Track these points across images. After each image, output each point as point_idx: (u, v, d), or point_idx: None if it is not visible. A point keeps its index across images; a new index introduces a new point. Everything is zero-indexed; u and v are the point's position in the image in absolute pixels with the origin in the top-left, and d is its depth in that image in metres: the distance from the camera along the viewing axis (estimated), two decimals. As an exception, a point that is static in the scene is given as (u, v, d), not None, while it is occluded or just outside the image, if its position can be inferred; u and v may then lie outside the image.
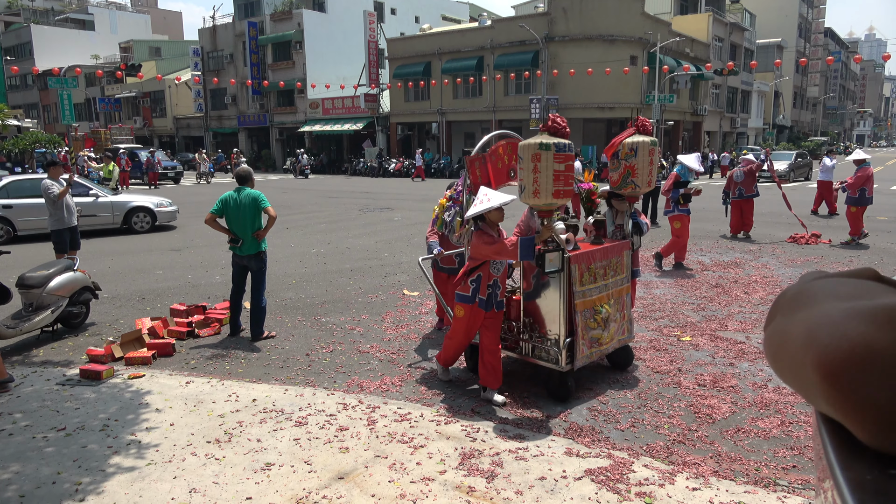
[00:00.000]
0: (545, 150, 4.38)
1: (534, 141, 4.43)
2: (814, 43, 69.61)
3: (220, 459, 3.84)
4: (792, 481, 3.60)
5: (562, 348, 4.62)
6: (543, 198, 4.48)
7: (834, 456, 0.54)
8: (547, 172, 4.38)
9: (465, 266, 4.79)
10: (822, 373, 0.49)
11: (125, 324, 6.96)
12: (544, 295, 4.78)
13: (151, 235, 13.69)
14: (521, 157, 4.49)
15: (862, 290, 0.55)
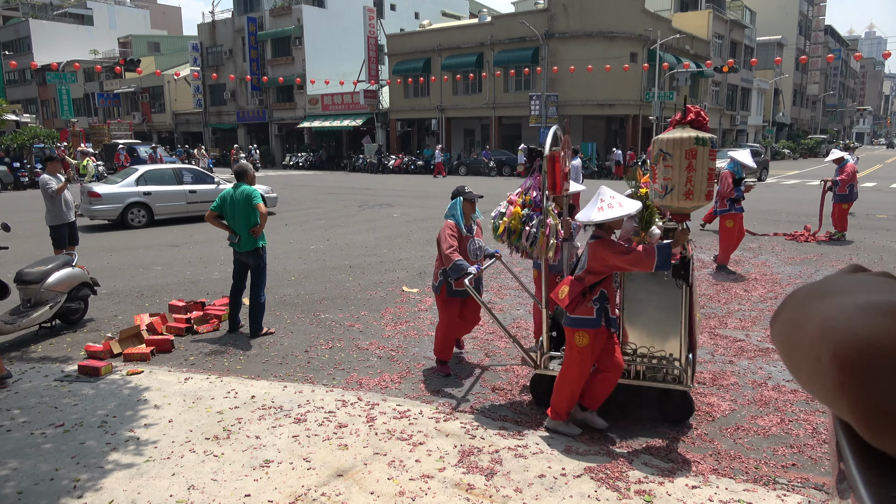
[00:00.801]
0: (702, 146, 3.85)
1: (687, 135, 3.89)
2: (814, 40, 69.55)
3: (218, 456, 3.84)
4: (791, 479, 3.60)
5: (686, 365, 4.17)
6: (696, 199, 3.93)
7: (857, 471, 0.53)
8: (702, 171, 3.87)
9: (571, 285, 3.98)
10: (839, 364, 0.48)
11: (124, 320, 6.94)
12: (658, 308, 4.23)
13: (150, 231, 13.66)
14: (670, 154, 3.90)
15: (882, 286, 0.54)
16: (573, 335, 3.95)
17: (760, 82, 54.41)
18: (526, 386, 4.99)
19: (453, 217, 5.24)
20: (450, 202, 5.41)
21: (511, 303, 7.50)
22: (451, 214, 5.25)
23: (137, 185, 14.60)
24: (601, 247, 3.86)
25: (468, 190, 5.47)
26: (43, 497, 3.40)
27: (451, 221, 5.19)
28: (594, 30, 32.81)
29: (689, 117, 4.03)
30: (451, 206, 5.32)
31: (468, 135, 40.83)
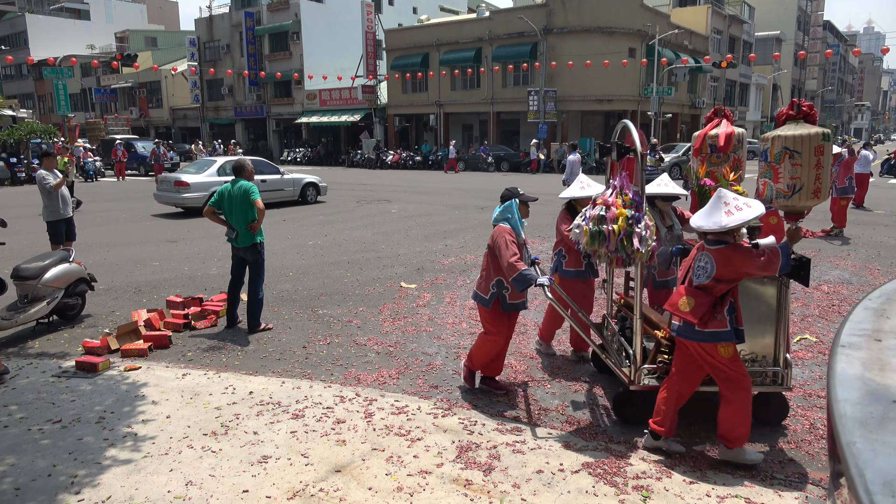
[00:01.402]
0: (827, 142, 3.70)
1: (815, 131, 3.71)
2: (812, 36, 69.48)
3: (216, 452, 3.83)
4: (788, 475, 3.60)
5: (784, 367, 4.04)
6: (822, 196, 3.79)
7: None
8: (827, 167, 3.74)
9: (695, 296, 3.64)
10: None
11: (121, 315, 6.93)
12: (753, 309, 4.07)
13: (150, 227, 13.64)
14: (798, 152, 3.72)
15: None
16: (715, 349, 3.59)
17: (759, 78, 54.39)
18: (524, 382, 4.99)
19: (509, 221, 4.58)
20: (501, 204, 4.70)
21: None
22: (505, 218, 4.61)
23: (219, 175, 15.80)
24: (734, 253, 3.53)
25: (523, 191, 4.83)
26: (40, 493, 3.39)
27: (507, 226, 4.54)
28: (592, 25, 32.75)
29: (802, 111, 3.84)
30: (506, 209, 4.64)
31: (466, 130, 40.79)
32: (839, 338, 0.98)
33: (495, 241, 4.48)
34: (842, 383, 0.82)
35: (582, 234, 4.16)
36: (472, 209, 16.30)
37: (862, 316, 1.04)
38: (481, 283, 4.65)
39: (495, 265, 4.52)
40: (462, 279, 8.47)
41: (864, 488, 0.59)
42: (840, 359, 0.89)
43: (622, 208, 4.03)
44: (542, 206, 16.93)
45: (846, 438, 0.68)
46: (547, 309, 5.56)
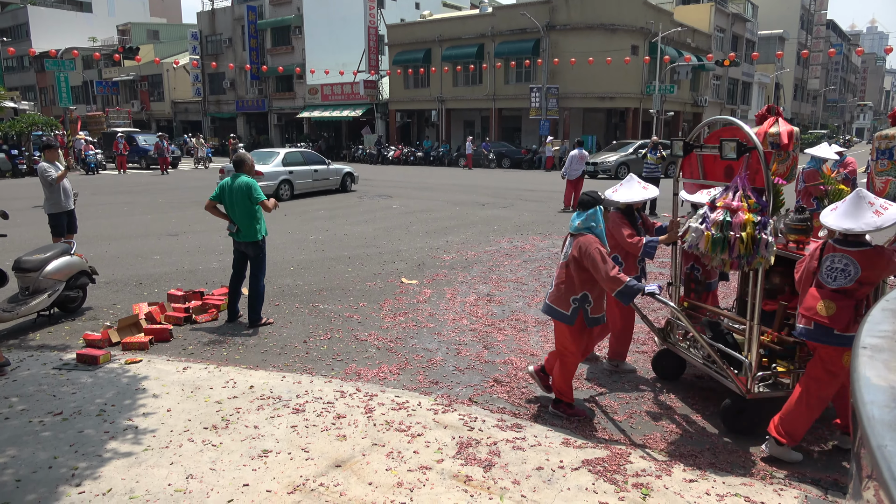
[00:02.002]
0: None
1: None
2: (816, 35, 69.31)
3: (217, 446, 3.84)
4: (788, 474, 3.61)
5: None
6: None
7: None
8: None
9: (836, 300, 3.53)
10: None
11: (122, 309, 6.93)
12: None
13: (151, 220, 13.63)
14: None
15: None
16: (840, 355, 3.49)
17: (761, 76, 54.29)
18: (527, 379, 4.99)
19: (592, 230, 4.18)
20: (583, 211, 4.24)
21: (510, 295, 7.50)
22: (588, 227, 4.18)
23: (284, 165, 17.70)
24: (880, 256, 3.43)
25: (604, 196, 4.49)
26: (41, 485, 3.40)
27: (593, 237, 4.14)
28: (595, 22, 32.67)
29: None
30: (590, 217, 4.19)
31: (468, 126, 40.73)
32: (859, 339, 0.97)
33: (585, 252, 4.07)
34: (867, 386, 0.82)
35: (702, 239, 3.98)
36: (474, 206, 16.29)
37: (880, 317, 1.04)
38: (558, 298, 4.22)
39: (581, 278, 4.14)
40: (463, 275, 8.48)
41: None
42: (862, 360, 0.88)
43: (749, 213, 3.83)
44: (543, 204, 16.93)
45: (876, 441, 0.67)
46: (616, 326, 5.18)
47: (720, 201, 3.99)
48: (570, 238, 4.28)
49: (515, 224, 13.16)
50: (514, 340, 5.89)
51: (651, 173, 14.38)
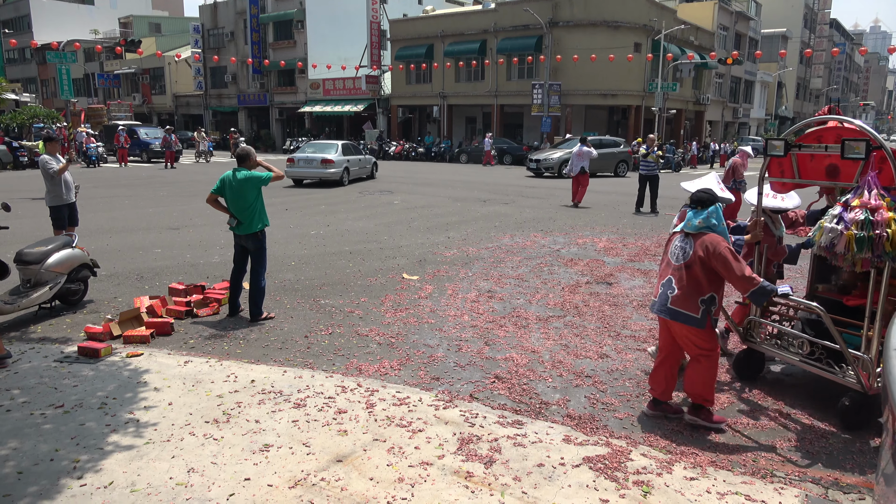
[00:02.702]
0: None
1: None
2: (819, 34, 69.15)
3: (218, 440, 3.84)
4: (789, 473, 3.61)
5: None
6: None
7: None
8: None
9: None
10: None
11: (123, 302, 6.94)
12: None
13: (153, 214, 13.63)
14: None
15: None
16: None
17: (764, 75, 54.20)
18: (524, 372, 4.99)
19: (714, 229, 4.01)
20: (701, 209, 4.08)
21: (511, 292, 7.50)
22: (710, 225, 4.02)
23: (344, 154, 20.22)
24: None
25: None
26: (43, 477, 3.41)
27: (718, 235, 3.99)
28: (598, 19, 32.61)
29: None
30: (710, 215, 4.03)
31: (469, 122, 40.70)
32: (890, 341, 0.98)
33: (714, 252, 3.90)
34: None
35: (841, 239, 3.98)
36: (475, 202, 16.28)
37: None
38: (684, 302, 4.00)
39: (709, 279, 3.97)
40: (464, 271, 8.47)
41: None
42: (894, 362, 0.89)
43: (890, 212, 3.85)
44: (544, 200, 16.91)
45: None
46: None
47: (855, 200, 4.00)
48: (681, 237, 4.12)
49: (517, 220, 13.15)
50: (515, 337, 5.89)
51: (649, 171, 14.42)
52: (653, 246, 10.38)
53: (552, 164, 24.60)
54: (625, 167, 26.67)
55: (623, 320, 6.45)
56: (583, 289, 7.67)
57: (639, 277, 8.26)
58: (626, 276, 8.31)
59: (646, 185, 14.52)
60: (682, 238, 4.11)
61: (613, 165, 26.15)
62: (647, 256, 9.57)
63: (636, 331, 6.11)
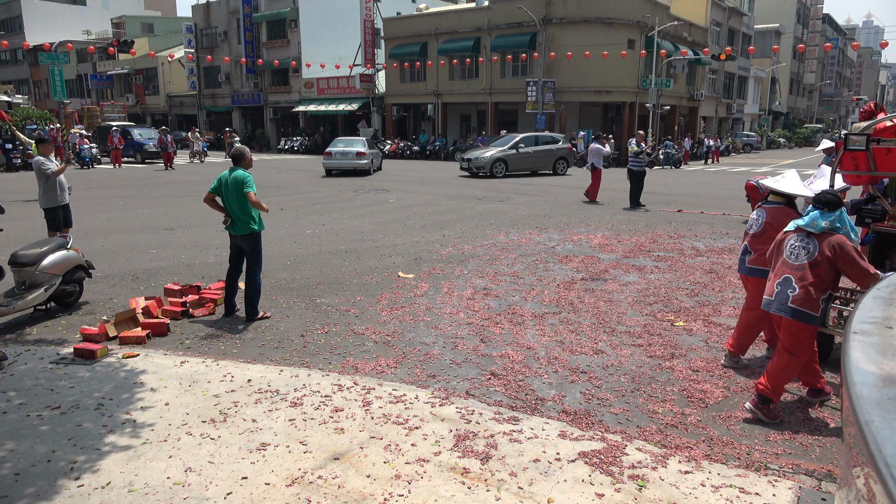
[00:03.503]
0: None
1: None
2: (812, 29, 69.34)
3: (215, 439, 3.85)
4: (783, 465, 3.64)
5: None
6: None
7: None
8: None
9: None
10: None
11: (119, 303, 6.93)
12: None
13: (147, 214, 13.60)
14: None
15: None
16: None
17: (757, 70, 54.31)
18: (520, 368, 5.01)
19: (838, 230, 4.14)
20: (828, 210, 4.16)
21: (507, 289, 7.53)
22: (835, 227, 4.13)
23: (370, 148, 23.22)
24: None
25: None
26: (40, 478, 3.41)
27: (843, 236, 4.12)
28: (592, 16, 32.62)
29: None
30: (838, 219, 4.15)
31: (464, 120, 40.69)
32: (851, 325, 1.02)
33: (842, 252, 4.01)
34: (857, 368, 0.86)
35: None
36: (470, 199, 16.29)
37: (872, 304, 1.09)
38: (807, 300, 4.09)
39: (832, 278, 4.11)
40: (460, 269, 8.49)
41: (884, 463, 0.62)
42: (854, 345, 0.93)
43: None
44: (539, 198, 16.94)
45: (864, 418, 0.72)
46: (747, 319, 5.15)
47: None
48: (800, 237, 4.21)
49: (512, 218, 13.18)
50: (510, 334, 5.91)
51: (639, 167, 14.67)
52: (647, 242, 10.41)
53: (483, 163, 22.76)
54: (564, 165, 25.06)
55: (618, 316, 6.47)
56: (578, 285, 7.69)
57: (633, 273, 8.30)
58: (621, 273, 8.34)
59: (636, 180, 14.77)
60: (801, 238, 4.21)
61: (552, 163, 24.72)
62: (642, 252, 9.60)
63: (631, 326, 6.14)
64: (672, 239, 10.73)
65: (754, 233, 4.98)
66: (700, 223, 12.56)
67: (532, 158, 23.84)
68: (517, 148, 23.39)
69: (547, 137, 25.48)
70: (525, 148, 23.55)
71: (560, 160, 24.87)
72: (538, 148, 23.87)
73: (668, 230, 11.65)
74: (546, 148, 24.51)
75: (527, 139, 24.20)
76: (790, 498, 3.29)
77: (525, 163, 23.69)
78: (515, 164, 23.23)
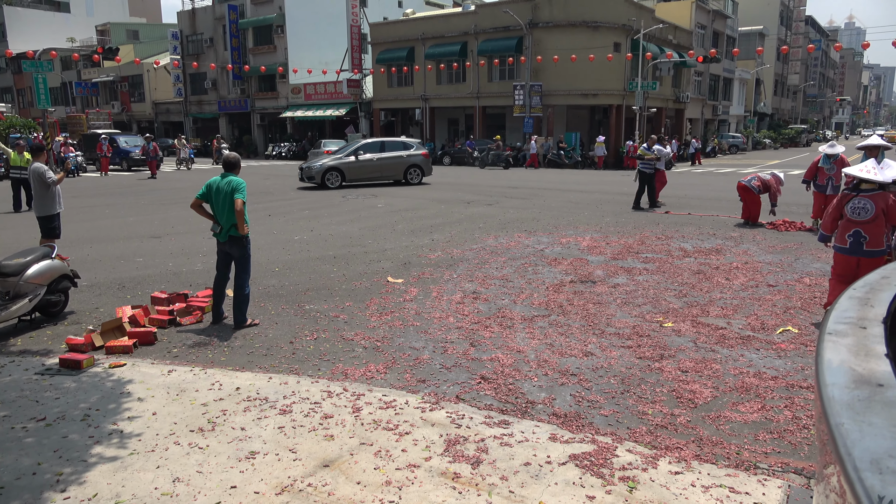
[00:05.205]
0: None
1: None
2: (795, 31, 70.11)
3: (203, 448, 3.82)
4: (772, 464, 3.66)
5: None
6: None
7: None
8: None
9: None
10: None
11: (105, 312, 6.87)
12: None
13: (133, 222, 13.50)
14: None
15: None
16: None
17: (742, 72, 54.79)
18: (514, 376, 5.01)
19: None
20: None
21: (496, 292, 7.53)
22: None
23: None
24: None
25: None
26: (26, 491, 3.37)
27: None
28: (578, 19, 32.81)
29: None
30: None
31: (452, 124, 40.76)
32: (826, 326, 1.02)
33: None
34: (829, 369, 0.86)
35: None
36: (459, 203, 16.30)
37: (847, 305, 1.10)
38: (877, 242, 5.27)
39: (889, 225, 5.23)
40: (449, 273, 8.49)
41: (853, 466, 0.63)
42: (827, 346, 0.93)
43: None
44: (527, 201, 16.98)
45: (835, 420, 0.72)
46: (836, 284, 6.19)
47: None
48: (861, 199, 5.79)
49: (500, 221, 13.20)
50: (500, 337, 5.91)
51: (649, 169, 14.94)
52: (635, 244, 10.45)
53: (314, 173, 20.60)
54: (418, 173, 22.17)
55: (607, 318, 6.49)
56: (567, 288, 7.71)
57: (622, 275, 8.32)
58: (610, 274, 8.37)
59: (645, 183, 14.97)
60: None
61: (402, 171, 21.94)
62: (631, 254, 9.64)
63: (620, 328, 6.16)
64: (660, 240, 10.79)
65: (866, 219, 5.87)
66: (687, 224, 12.63)
67: (376, 167, 21.45)
68: (356, 155, 21.19)
69: (396, 144, 22.87)
70: (366, 155, 21.28)
71: (413, 168, 22.05)
72: (383, 155, 21.52)
73: (656, 232, 11.71)
74: (393, 155, 21.82)
75: (370, 145, 21.99)
76: (779, 496, 3.30)
77: (366, 171, 21.30)
78: (354, 173, 20.86)
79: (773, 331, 6.04)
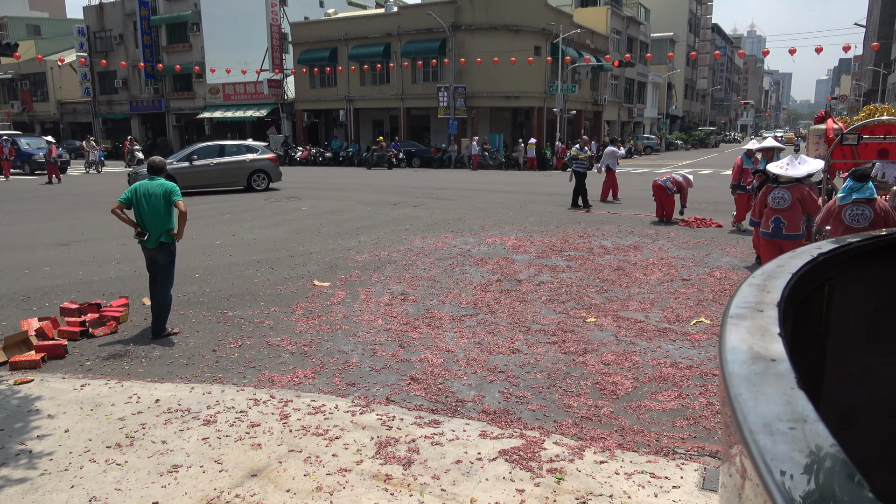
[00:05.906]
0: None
1: None
2: (702, 38, 73.98)
3: (121, 465, 3.65)
4: (689, 449, 3.85)
5: None
6: None
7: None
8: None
9: None
10: None
11: (9, 326, 6.43)
12: None
13: (39, 230, 12.69)
14: None
15: None
16: None
17: (655, 77, 57.34)
18: (439, 372, 5.04)
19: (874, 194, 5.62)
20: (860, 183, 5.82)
21: (424, 293, 7.56)
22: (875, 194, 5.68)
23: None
24: None
25: None
26: (-80, 522, 3.12)
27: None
28: (499, 23, 33.38)
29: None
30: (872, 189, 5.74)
31: (377, 126, 40.56)
32: (728, 311, 1.14)
33: (886, 213, 5.44)
34: (731, 349, 0.96)
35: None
36: (385, 205, 16.25)
37: (747, 291, 1.21)
38: None
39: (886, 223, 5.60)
40: (376, 275, 8.45)
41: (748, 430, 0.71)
42: (729, 328, 1.04)
43: None
44: (454, 202, 17.12)
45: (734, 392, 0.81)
46: None
47: None
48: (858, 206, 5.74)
49: (427, 222, 13.25)
50: (429, 338, 5.94)
51: (582, 169, 15.55)
52: (558, 242, 10.74)
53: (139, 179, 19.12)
54: (264, 179, 20.38)
55: (533, 315, 6.64)
56: (494, 287, 7.83)
57: (546, 273, 8.53)
58: (535, 273, 8.56)
59: (580, 182, 15.55)
60: (858, 207, 5.73)
61: (245, 177, 20.15)
62: (554, 252, 9.90)
63: (545, 325, 6.31)
64: (581, 238, 11.13)
65: (784, 207, 6.79)
66: (607, 223, 13.09)
67: (213, 173, 19.70)
68: (190, 160, 19.45)
69: (238, 147, 21.03)
70: (201, 160, 19.62)
71: (258, 173, 20.35)
72: (223, 160, 19.84)
73: (578, 230, 12.07)
74: (234, 160, 20.07)
75: (206, 150, 20.24)
76: (696, 479, 3.48)
77: (202, 178, 19.60)
78: (188, 179, 18.71)
79: (688, 322, 6.36)
